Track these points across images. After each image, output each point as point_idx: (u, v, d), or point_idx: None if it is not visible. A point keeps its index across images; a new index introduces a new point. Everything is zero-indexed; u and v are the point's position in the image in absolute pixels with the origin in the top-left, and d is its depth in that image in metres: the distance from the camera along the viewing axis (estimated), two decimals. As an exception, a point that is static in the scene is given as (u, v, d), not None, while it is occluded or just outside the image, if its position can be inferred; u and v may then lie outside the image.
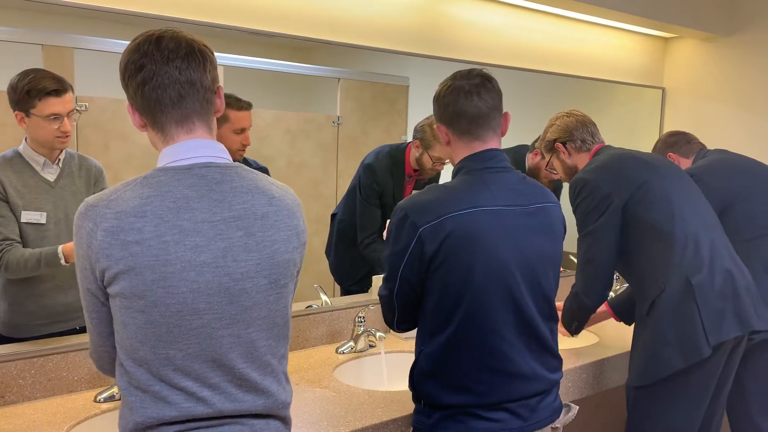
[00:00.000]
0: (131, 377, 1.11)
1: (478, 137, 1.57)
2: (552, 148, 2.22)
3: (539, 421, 1.55)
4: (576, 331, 2.16)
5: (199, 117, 1.15)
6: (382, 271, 2.58)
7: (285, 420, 1.23)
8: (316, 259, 2.57)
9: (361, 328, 2.29)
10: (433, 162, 2.52)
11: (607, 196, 1.98)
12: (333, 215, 2.61)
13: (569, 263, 2.65)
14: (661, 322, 1.92)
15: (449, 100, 1.57)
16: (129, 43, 1.15)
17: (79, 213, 1.11)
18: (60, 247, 1.77)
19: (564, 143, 2.18)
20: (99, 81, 1.94)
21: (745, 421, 2.36)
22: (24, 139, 1.82)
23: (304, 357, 2.21)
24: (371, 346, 2.29)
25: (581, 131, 2.16)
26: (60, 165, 1.86)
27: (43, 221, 1.82)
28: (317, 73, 2.51)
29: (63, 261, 1.77)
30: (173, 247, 1.07)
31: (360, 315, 2.31)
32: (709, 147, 2.71)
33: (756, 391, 2.33)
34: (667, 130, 3.12)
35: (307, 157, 2.47)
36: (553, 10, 3.08)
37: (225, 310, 1.11)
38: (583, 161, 2.17)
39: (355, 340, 2.28)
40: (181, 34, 1.14)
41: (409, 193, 2.67)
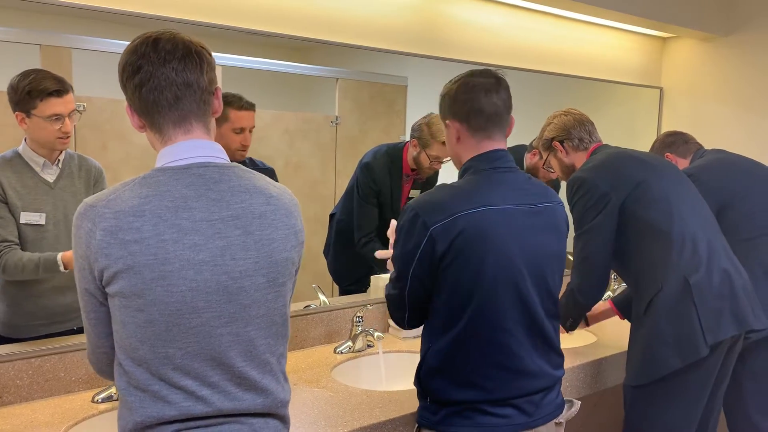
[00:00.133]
0: (130, 377, 1.11)
1: (490, 136, 1.58)
2: (549, 147, 2.22)
3: (544, 416, 1.57)
4: (570, 327, 2.16)
5: (196, 118, 1.16)
6: (381, 271, 2.62)
7: (284, 419, 1.24)
8: (315, 259, 2.57)
9: (359, 328, 2.29)
10: (431, 161, 2.52)
11: (604, 195, 1.98)
12: (331, 215, 2.61)
13: (567, 262, 2.65)
14: (659, 322, 1.93)
15: (468, 96, 1.56)
16: (128, 44, 1.16)
17: (77, 213, 1.11)
18: (59, 255, 1.77)
19: (561, 142, 2.18)
20: (97, 81, 1.94)
21: (742, 419, 2.37)
22: (23, 140, 1.81)
23: (302, 357, 2.21)
24: (369, 346, 2.30)
25: (579, 130, 2.16)
26: (60, 166, 1.86)
27: (42, 222, 1.82)
28: (315, 73, 2.51)
29: (62, 268, 1.77)
30: (172, 245, 1.07)
31: (358, 315, 2.31)
32: (706, 147, 2.72)
33: (753, 390, 2.34)
34: (664, 130, 3.13)
35: (305, 157, 2.47)
36: (551, 10, 3.09)
37: (224, 309, 1.11)
38: (580, 160, 2.17)
39: (353, 340, 2.28)
40: (178, 35, 1.15)
41: (407, 193, 2.68)
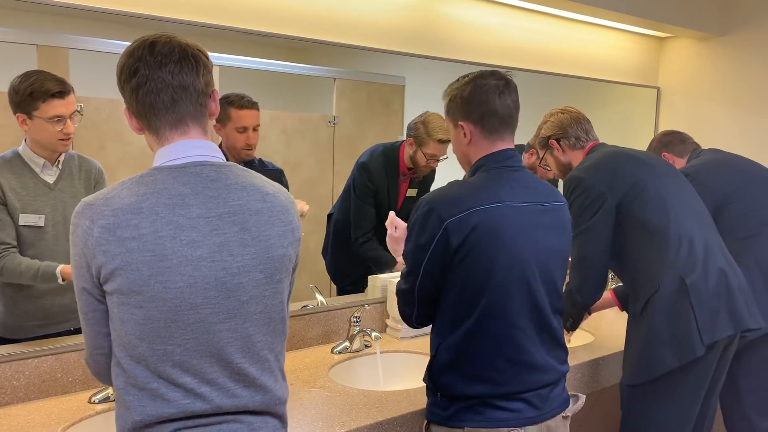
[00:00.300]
0: (129, 375, 1.11)
1: (503, 137, 1.59)
2: (546, 145, 2.22)
3: (552, 410, 1.58)
4: (571, 327, 2.16)
5: (193, 120, 1.17)
6: (378, 271, 2.62)
7: (282, 418, 1.24)
8: (313, 259, 2.57)
9: (357, 328, 2.29)
10: (427, 159, 2.52)
11: (601, 195, 1.98)
12: (329, 215, 2.61)
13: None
14: (656, 321, 1.93)
15: (481, 98, 1.56)
16: (126, 47, 1.16)
17: (76, 212, 1.11)
18: (59, 268, 1.77)
19: (558, 140, 2.18)
20: (94, 81, 1.94)
21: (739, 418, 2.38)
22: (24, 140, 1.81)
23: (299, 357, 2.21)
24: (367, 346, 2.29)
25: (575, 128, 2.16)
26: (59, 167, 1.86)
27: (42, 224, 1.82)
28: (313, 73, 2.51)
29: (60, 280, 1.77)
30: (169, 242, 1.08)
31: (356, 315, 2.31)
32: (703, 146, 2.72)
33: (749, 389, 2.34)
34: (661, 130, 3.13)
35: (303, 157, 2.47)
36: (548, 10, 3.09)
37: (222, 305, 1.12)
38: (577, 158, 2.17)
39: (351, 340, 2.28)
40: (174, 39, 1.16)
41: (404, 192, 2.68)
